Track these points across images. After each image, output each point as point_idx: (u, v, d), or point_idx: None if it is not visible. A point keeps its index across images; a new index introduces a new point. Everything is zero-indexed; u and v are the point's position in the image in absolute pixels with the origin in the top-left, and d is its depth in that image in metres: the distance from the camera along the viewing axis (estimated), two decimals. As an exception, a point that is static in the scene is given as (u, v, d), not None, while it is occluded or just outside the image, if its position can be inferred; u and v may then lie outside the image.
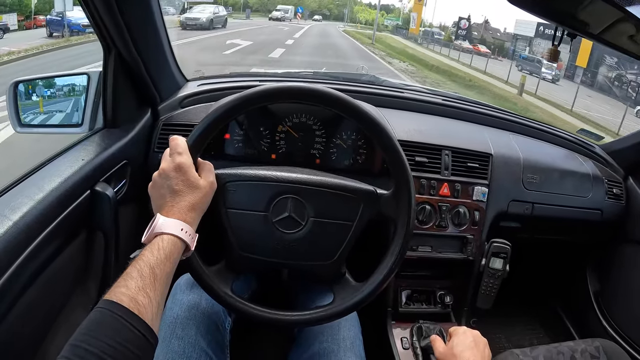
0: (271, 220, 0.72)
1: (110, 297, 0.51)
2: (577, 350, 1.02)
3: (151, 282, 0.54)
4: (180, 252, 0.61)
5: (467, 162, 1.13)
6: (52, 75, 0.96)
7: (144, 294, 0.52)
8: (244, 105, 0.71)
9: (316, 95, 0.71)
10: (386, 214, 0.75)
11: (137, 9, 0.83)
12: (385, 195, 0.75)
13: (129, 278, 0.53)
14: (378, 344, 1.12)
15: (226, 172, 0.72)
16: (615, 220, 1.33)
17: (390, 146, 0.73)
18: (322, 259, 0.75)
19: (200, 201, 0.65)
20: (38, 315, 0.69)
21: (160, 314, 0.55)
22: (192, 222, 0.63)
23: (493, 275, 1.13)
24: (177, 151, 0.65)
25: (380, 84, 1.38)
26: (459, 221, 1.11)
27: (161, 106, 1.04)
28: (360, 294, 0.74)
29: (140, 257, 0.57)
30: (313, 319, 0.75)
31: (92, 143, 0.87)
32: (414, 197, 0.74)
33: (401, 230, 0.74)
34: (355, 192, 0.74)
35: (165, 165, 0.65)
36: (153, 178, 0.66)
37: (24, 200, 0.67)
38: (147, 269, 0.55)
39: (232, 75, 1.23)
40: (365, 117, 0.72)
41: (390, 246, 0.75)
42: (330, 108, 0.73)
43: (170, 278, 0.59)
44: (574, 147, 1.40)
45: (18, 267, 0.61)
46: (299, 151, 1.05)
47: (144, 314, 0.51)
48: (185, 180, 0.64)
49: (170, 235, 0.59)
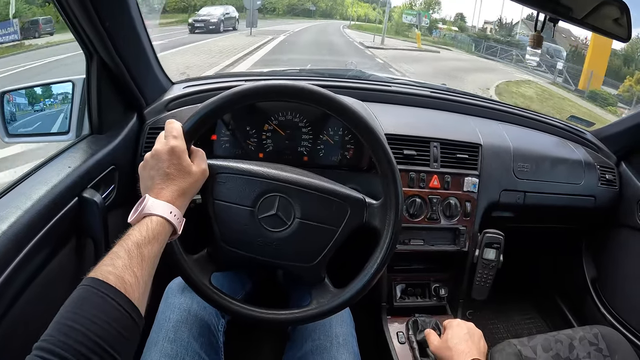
0: (257, 216, 0.72)
1: (96, 274, 0.49)
2: (576, 337, 1.02)
3: (138, 261, 0.53)
4: (168, 234, 0.60)
5: (457, 154, 1.13)
6: (36, 85, 0.96)
7: (131, 272, 0.51)
8: (243, 100, 0.70)
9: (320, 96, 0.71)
10: (372, 224, 0.75)
11: (116, 14, 0.83)
12: (373, 205, 0.75)
13: (116, 257, 0.52)
14: (374, 339, 1.12)
15: (218, 163, 0.72)
16: (608, 206, 1.33)
17: (375, 141, 0.73)
18: (303, 261, 0.75)
19: (190, 187, 0.65)
20: (31, 324, 0.69)
21: (147, 294, 0.54)
22: (181, 207, 0.63)
23: (487, 266, 1.13)
24: (172, 134, 0.65)
25: (366, 78, 1.37)
26: (451, 213, 1.11)
27: (147, 110, 1.03)
28: (337, 300, 0.74)
29: (128, 236, 0.55)
30: (286, 320, 0.75)
31: (78, 150, 0.87)
32: (402, 210, 0.74)
33: (384, 243, 0.73)
34: (344, 198, 0.74)
35: (159, 147, 0.64)
36: (145, 158, 0.65)
37: (11, 210, 0.67)
38: (135, 248, 0.54)
39: (217, 76, 1.23)
40: (349, 113, 0.72)
41: (371, 257, 0.74)
42: (318, 106, 0.72)
43: (157, 259, 0.58)
44: (564, 134, 1.40)
45: (8, 277, 0.61)
46: (286, 149, 1.05)
47: (130, 292, 0.50)
48: (178, 165, 0.63)
49: (159, 217, 0.59)
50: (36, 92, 0.97)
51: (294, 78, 1.29)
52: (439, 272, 1.21)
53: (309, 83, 0.72)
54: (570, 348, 1.00)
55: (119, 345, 0.46)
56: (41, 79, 0.96)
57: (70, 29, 0.82)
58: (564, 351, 1.00)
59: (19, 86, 0.96)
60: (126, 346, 0.48)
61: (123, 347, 0.47)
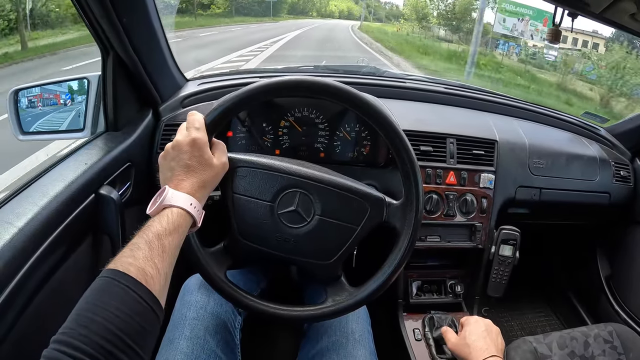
0: (276, 211, 0.72)
1: (117, 266, 0.48)
2: (591, 335, 1.01)
3: (159, 252, 0.51)
4: (188, 226, 0.59)
5: (473, 150, 1.12)
6: (51, 82, 0.96)
7: (152, 264, 0.50)
8: (267, 94, 0.70)
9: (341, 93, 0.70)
10: (392, 224, 0.74)
11: (134, 10, 0.82)
12: (393, 205, 0.74)
13: (136, 248, 0.50)
14: (390, 336, 1.12)
15: (239, 157, 0.72)
16: (623, 203, 1.32)
17: (399, 141, 0.72)
18: (320, 259, 0.75)
19: (211, 180, 0.64)
20: (48, 320, 0.68)
21: (167, 287, 0.53)
22: (201, 199, 0.62)
23: (503, 263, 1.12)
24: (194, 126, 0.64)
25: (381, 74, 1.37)
26: (467, 209, 1.10)
27: (162, 107, 1.03)
28: (353, 298, 0.74)
29: (148, 227, 0.54)
30: (301, 316, 0.74)
31: (94, 147, 0.87)
32: (422, 211, 0.73)
33: (403, 243, 0.73)
34: (364, 197, 0.73)
35: (180, 138, 0.63)
36: (165, 148, 0.64)
37: (28, 206, 0.67)
38: (156, 239, 0.52)
39: (231, 73, 1.22)
40: (370, 109, 0.71)
41: (390, 256, 0.74)
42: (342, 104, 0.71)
43: (177, 251, 0.56)
44: (579, 130, 1.39)
45: (26, 274, 0.61)
46: (302, 145, 1.05)
47: (151, 285, 0.48)
48: (199, 157, 0.62)
49: (180, 209, 0.58)
50: (50, 89, 0.97)
51: (309, 74, 1.28)
52: (455, 268, 1.20)
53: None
54: (585, 345, 1.00)
55: (141, 339, 0.45)
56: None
57: (86, 25, 0.82)
58: (579, 349, 0.99)
59: (33, 84, 0.95)
60: (148, 341, 0.47)
61: (145, 341, 0.46)
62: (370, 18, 28.18)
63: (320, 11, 29.94)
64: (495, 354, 0.77)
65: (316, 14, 29.20)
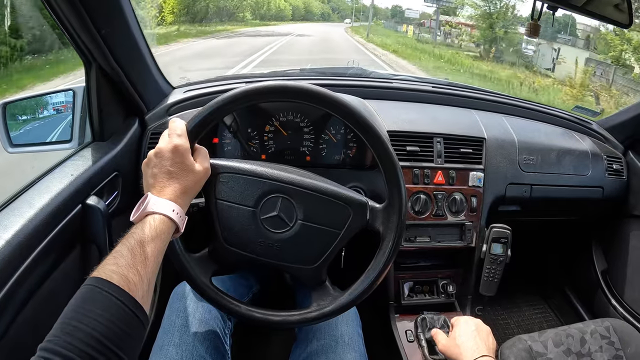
0: (259, 217, 0.72)
1: (100, 274, 0.49)
2: (587, 331, 1.01)
3: (142, 259, 0.53)
4: (170, 232, 0.60)
5: (460, 148, 1.12)
6: (38, 94, 0.97)
7: (135, 271, 0.51)
8: (245, 100, 0.70)
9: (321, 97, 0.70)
10: (375, 227, 0.74)
11: (112, 22, 0.82)
12: (376, 209, 0.74)
13: (119, 255, 0.52)
14: (382, 338, 1.12)
15: (221, 162, 0.72)
16: (617, 196, 1.31)
17: (378, 142, 0.72)
18: (304, 263, 0.75)
19: (193, 186, 0.65)
20: (38, 329, 0.69)
21: (151, 293, 0.54)
22: (183, 205, 0.63)
23: (495, 261, 1.11)
24: (176, 133, 0.65)
25: (367, 75, 1.37)
26: (456, 208, 1.10)
27: (148, 115, 1.03)
28: (338, 302, 0.74)
29: (131, 234, 0.55)
30: (284, 322, 0.74)
31: (80, 157, 0.88)
32: (405, 213, 0.73)
33: (386, 247, 0.73)
34: (346, 201, 0.73)
35: (162, 145, 0.64)
36: (148, 156, 0.65)
37: (15, 218, 0.67)
38: (138, 247, 0.53)
39: (217, 79, 1.23)
40: (348, 111, 0.71)
41: (374, 260, 0.74)
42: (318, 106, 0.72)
43: (160, 258, 0.57)
44: (569, 124, 1.39)
45: (14, 285, 0.62)
46: (288, 149, 1.05)
47: (134, 291, 0.50)
48: (181, 163, 0.63)
49: (162, 215, 0.59)
50: (37, 101, 0.98)
51: (295, 78, 1.28)
52: (447, 268, 1.20)
53: (311, 82, 0.72)
54: (582, 342, 0.99)
55: (124, 344, 0.47)
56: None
57: (67, 38, 0.82)
58: (575, 345, 0.98)
59: (20, 96, 0.96)
60: (131, 345, 0.48)
61: (128, 345, 0.47)
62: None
63: (257, 12, 22.45)
64: (485, 353, 0.77)
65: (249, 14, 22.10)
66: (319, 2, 27.10)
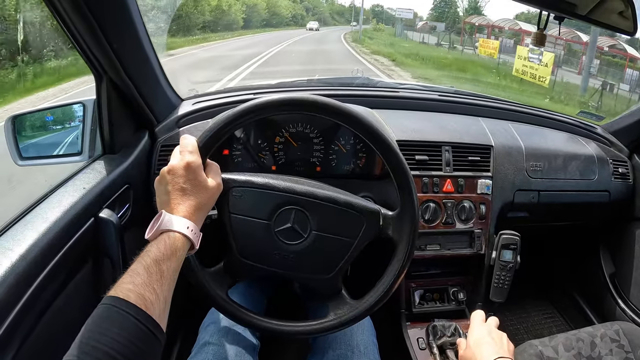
0: (273, 229, 0.72)
1: (117, 293, 0.50)
2: (597, 335, 1.00)
3: (158, 278, 0.53)
4: (185, 250, 0.61)
5: (468, 156, 1.12)
6: (48, 107, 0.97)
7: (151, 289, 0.51)
8: (255, 113, 0.70)
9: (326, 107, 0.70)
10: (388, 235, 0.75)
11: (124, 35, 0.83)
12: (389, 216, 0.74)
13: (135, 274, 0.52)
14: (395, 346, 1.11)
15: (233, 177, 0.73)
16: (623, 200, 1.31)
17: (389, 151, 0.72)
18: (319, 273, 0.75)
19: (206, 202, 0.65)
20: (53, 345, 0.69)
21: (167, 310, 0.54)
22: (198, 222, 0.63)
23: (504, 268, 1.11)
24: (187, 149, 0.65)
25: (374, 85, 1.37)
26: (466, 216, 1.10)
27: (158, 128, 1.04)
28: (355, 311, 0.74)
29: (146, 252, 0.56)
30: (304, 331, 0.75)
31: (92, 171, 0.88)
32: (418, 220, 0.74)
33: (401, 254, 0.73)
34: (359, 210, 0.73)
35: (174, 163, 0.64)
36: (161, 173, 0.65)
37: (29, 232, 0.67)
38: (154, 265, 0.54)
39: (226, 91, 1.23)
40: (358, 122, 0.71)
41: (388, 267, 0.74)
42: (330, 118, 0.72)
43: (176, 275, 0.58)
44: (575, 130, 1.39)
45: (29, 299, 0.61)
46: (298, 160, 1.05)
47: (151, 310, 0.50)
48: (194, 180, 0.63)
49: (177, 233, 0.59)
50: (47, 114, 0.98)
51: (303, 89, 1.29)
52: (457, 276, 1.20)
53: (318, 93, 0.72)
54: (592, 346, 0.99)
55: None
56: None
57: (78, 52, 0.83)
58: (585, 349, 0.98)
59: (30, 110, 0.97)
60: None
61: None
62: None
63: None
64: (503, 355, 0.77)
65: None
66: (289, 1, 21.72)
